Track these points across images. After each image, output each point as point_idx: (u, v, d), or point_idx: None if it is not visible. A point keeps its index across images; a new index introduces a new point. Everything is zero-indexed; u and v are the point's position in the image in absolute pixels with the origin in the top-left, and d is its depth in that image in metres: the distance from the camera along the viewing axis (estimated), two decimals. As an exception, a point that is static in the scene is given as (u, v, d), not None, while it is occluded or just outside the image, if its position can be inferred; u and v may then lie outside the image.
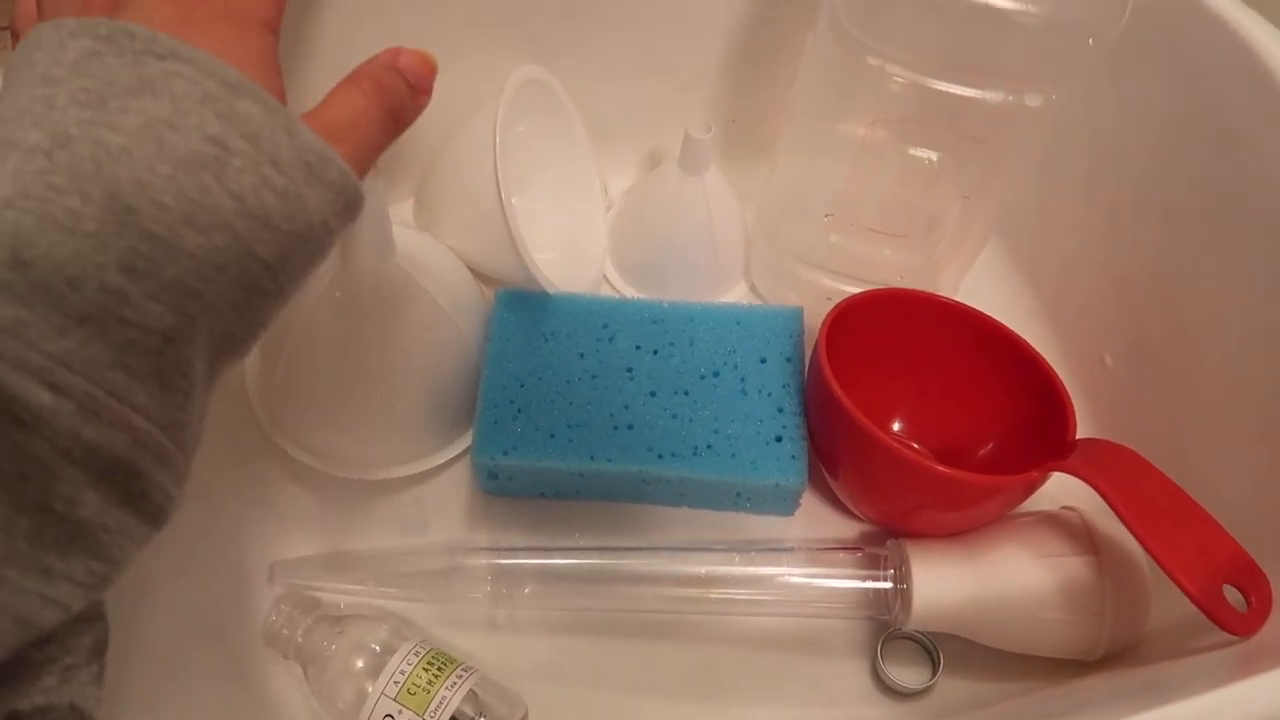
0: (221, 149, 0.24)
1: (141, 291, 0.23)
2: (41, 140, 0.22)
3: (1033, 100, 0.41)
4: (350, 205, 0.28)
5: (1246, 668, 0.32)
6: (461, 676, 0.39)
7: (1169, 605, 0.39)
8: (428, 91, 0.32)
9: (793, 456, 0.46)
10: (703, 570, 0.44)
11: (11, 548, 0.22)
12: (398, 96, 0.30)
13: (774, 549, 0.45)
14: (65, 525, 0.23)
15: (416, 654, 0.40)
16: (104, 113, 0.23)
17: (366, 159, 0.29)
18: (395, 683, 0.39)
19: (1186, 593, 0.35)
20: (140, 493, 0.24)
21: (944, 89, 0.42)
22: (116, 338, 0.23)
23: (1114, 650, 0.41)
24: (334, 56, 0.31)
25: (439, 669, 0.39)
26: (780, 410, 0.48)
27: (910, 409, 0.51)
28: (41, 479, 0.22)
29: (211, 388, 0.27)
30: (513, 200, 0.47)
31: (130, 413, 0.23)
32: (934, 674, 0.44)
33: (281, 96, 0.27)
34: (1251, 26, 0.41)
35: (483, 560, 0.44)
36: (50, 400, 0.21)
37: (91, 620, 0.27)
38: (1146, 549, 0.37)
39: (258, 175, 0.24)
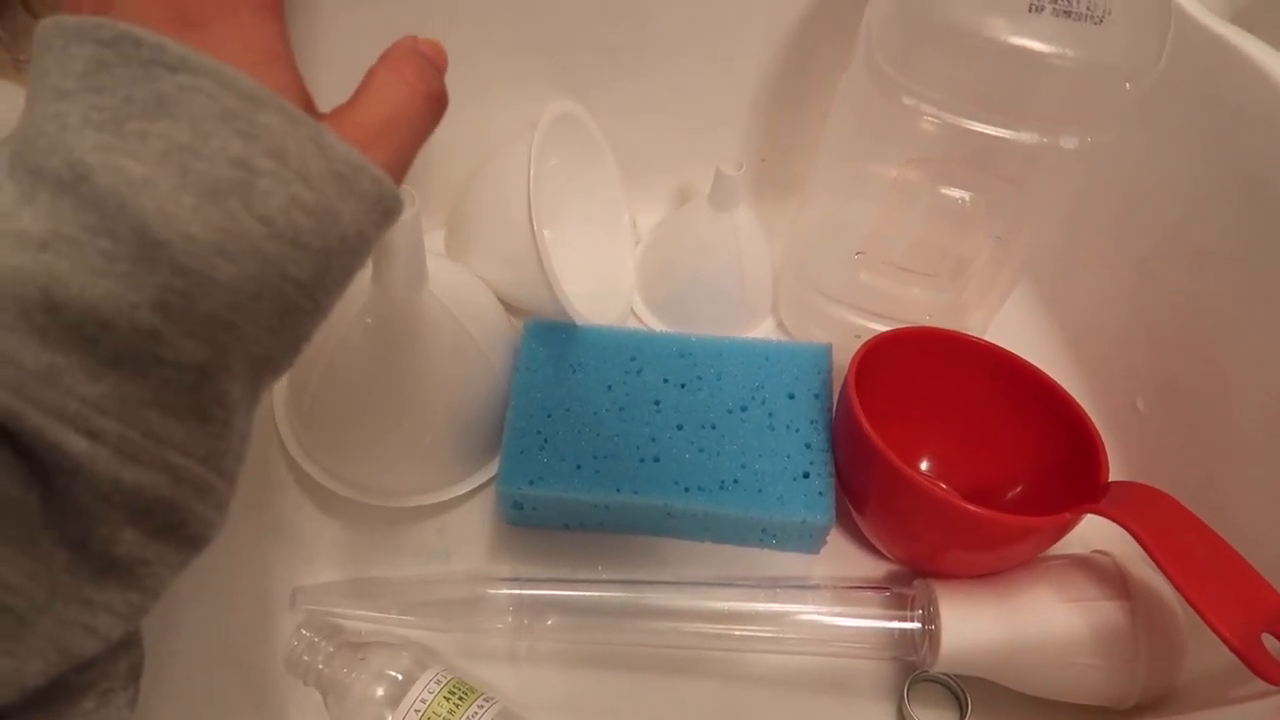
0: (247, 171, 0.23)
1: (176, 329, 0.22)
2: (61, 171, 0.21)
3: (1068, 143, 0.42)
4: (388, 212, 0.26)
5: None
6: (483, 707, 0.39)
7: (1205, 654, 0.38)
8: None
9: (820, 493, 0.46)
10: (726, 606, 0.44)
11: (54, 579, 0.22)
12: (437, 81, 0.29)
13: (799, 586, 0.45)
14: (100, 561, 0.23)
15: (438, 683, 0.39)
16: (121, 138, 0.22)
17: (408, 156, 0.28)
18: (416, 711, 0.38)
19: (1224, 640, 0.35)
20: (180, 524, 0.24)
21: (978, 129, 0.42)
22: (152, 378, 0.22)
23: (1147, 700, 0.41)
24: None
25: (460, 699, 0.39)
26: (808, 446, 0.48)
27: (938, 449, 0.51)
28: (81, 521, 0.22)
29: (254, 406, 0.26)
30: (544, 233, 0.47)
31: (168, 451, 0.23)
32: (962, 718, 0.43)
33: (298, 89, 0.26)
34: (1284, 71, 0.42)
35: (505, 591, 0.44)
36: (87, 448, 0.21)
37: (129, 645, 0.27)
38: (1183, 594, 0.36)
39: (287, 195, 0.23)
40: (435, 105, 0.29)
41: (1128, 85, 0.39)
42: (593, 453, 0.47)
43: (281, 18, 0.27)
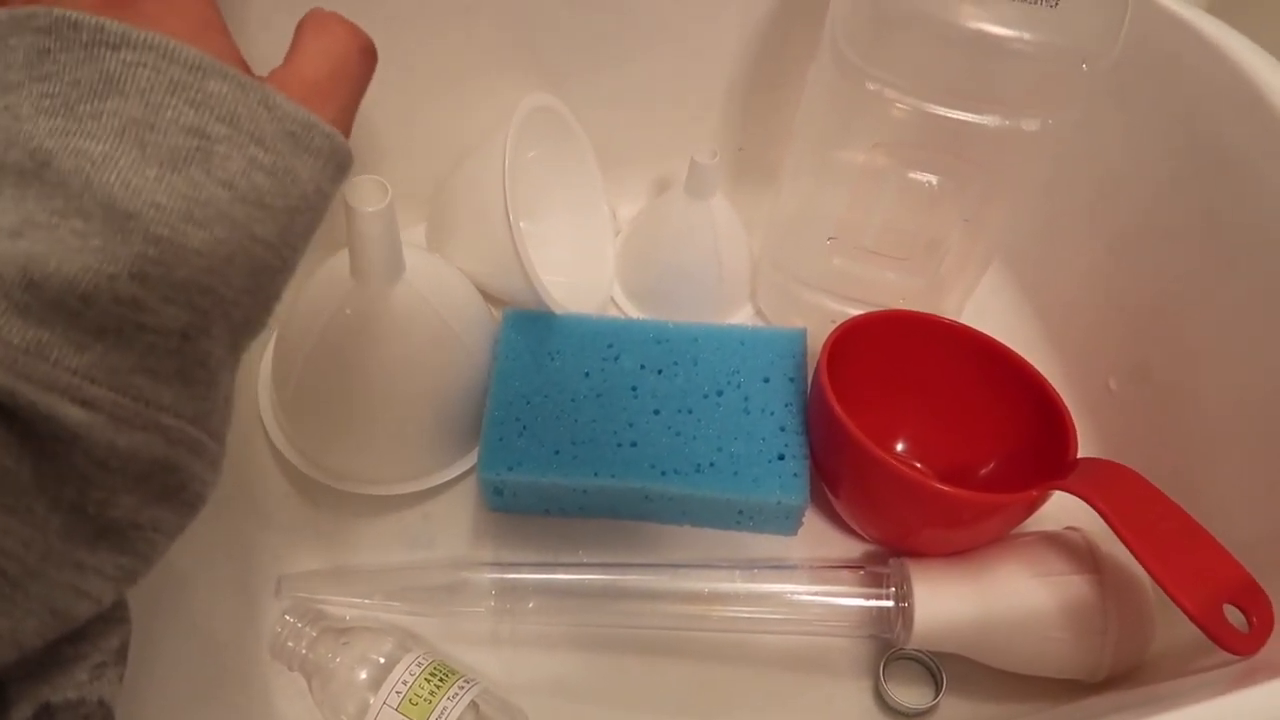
0: (203, 138, 0.23)
1: (155, 296, 0.23)
2: (24, 161, 0.22)
3: (1029, 125, 0.42)
4: (341, 166, 0.27)
5: (1245, 682, 0.33)
6: (463, 688, 0.40)
7: (1173, 629, 0.39)
8: None
9: (795, 474, 0.47)
10: (705, 587, 0.44)
11: (48, 544, 0.22)
12: (365, 34, 0.30)
13: (775, 567, 0.46)
14: (95, 524, 0.23)
15: (419, 664, 0.40)
16: (75, 120, 0.22)
17: (352, 110, 0.28)
18: (397, 693, 0.39)
19: (1186, 612, 0.35)
20: (179, 485, 0.24)
21: (942, 114, 0.42)
22: (137, 344, 0.23)
23: (1118, 671, 0.41)
24: None
25: (441, 680, 0.40)
26: (783, 429, 0.48)
27: (913, 429, 0.51)
28: (79, 485, 0.23)
29: (235, 368, 0.27)
30: (521, 224, 0.48)
31: (158, 413, 0.23)
32: (937, 694, 0.44)
33: (235, 56, 0.26)
34: (1246, 54, 0.42)
35: (487, 575, 0.45)
36: (83, 416, 0.22)
37: (119, 622, 0.28)
38: (1146, 567, 0.37)
39: (244, 158, 0.24)
40: (369, 57, 0.29)
41: (1085, 67, 0.40)
42: (571, 438, 0.48)
43: None
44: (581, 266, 0.59)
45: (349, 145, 0.27)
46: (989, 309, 0.56)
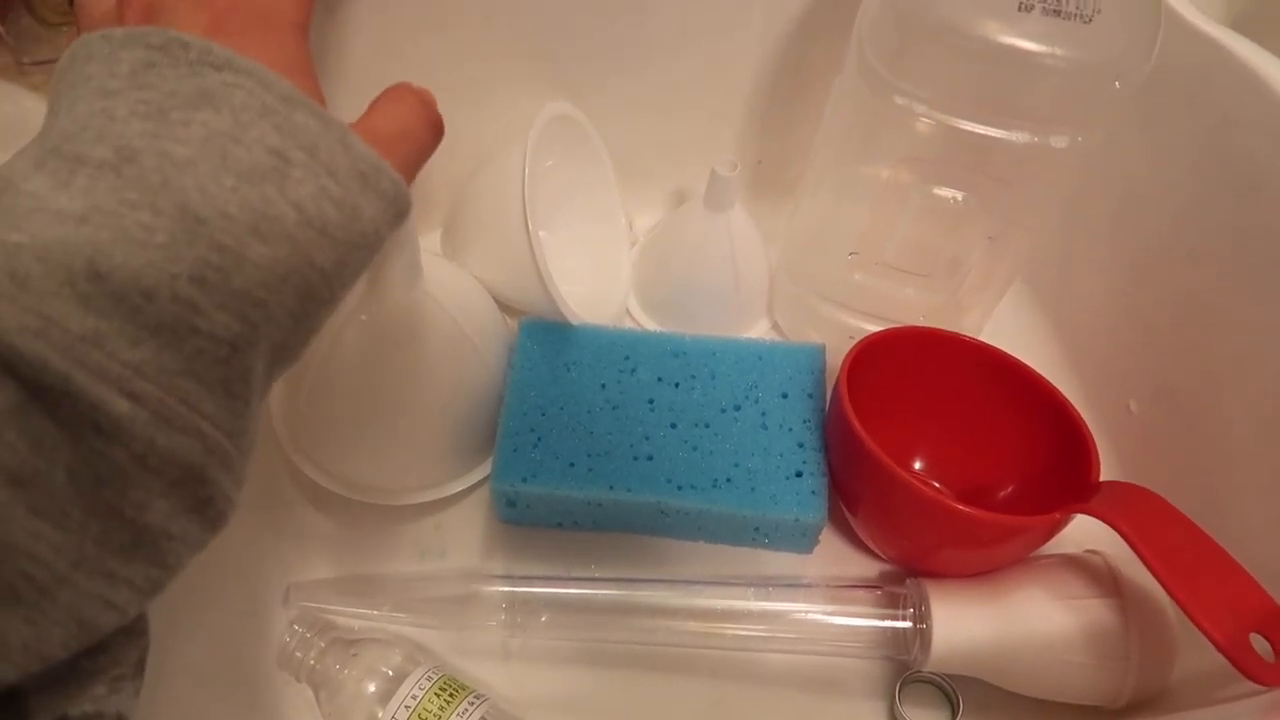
0: (282, 160, 0.25)
1: (211, 302, 0.23)
2: (108, 155, 0.23)
3: (1058, 142, 0.42)
4: (400, 213, 0.28)
5: (1273, 715, 0.32)
6: (473, 704, 0.39)
7: (1196, 655, 0.38)
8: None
9: (813, 492, 0.46)
10: (719, 605, 0.44)
11: (81, 551, 0.22)
12: (436, 111, 0.32)
13: (791, 585, 0.45)
14: (131, 530, 0.23)
15: (429, 679, 0.39)
16: (166, 125, 0.23)
17: (413, 170, 0.31)
18: (406, 708, 0.38)
19: (1212, 639, 0.35)
20: (207, 499, 0.24)
21: (970, 129, 0.42)
22: (188, 347, 0.23)
23: (1139, 698, 0.41)
24: (366, 88, 0.32)
25: (450, 696, 0.39)
26: (801, 446, 0.48)
27: (932, 448, 0.51)
28: (117, 485, 0.22)
29: (266, 395, 0.27)
30: (540, 233, 0.48)
31: (200, 419, 0.23)
32: (953, 718, 0.43)
33: (320, 98, 0.28)
34: (1276, 72, 0.41)
35: (498, 588, 0.44)
36: (128, 408, 0.22)
37: (138, 635, 0.27)
38: (1171, 594, 0.36)
39: (316, 185, 0.25)
40: (436, 131, 0.32)
41: (1117, 84, 0.39)
42: (586, 450, 0.47)
43: (308, 36, 0.30)
44: (597, 277, 0.59)
45: (410, 195, 0.29)
46: (1008, 327, 0.56)
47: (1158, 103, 0.46)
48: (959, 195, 0.46)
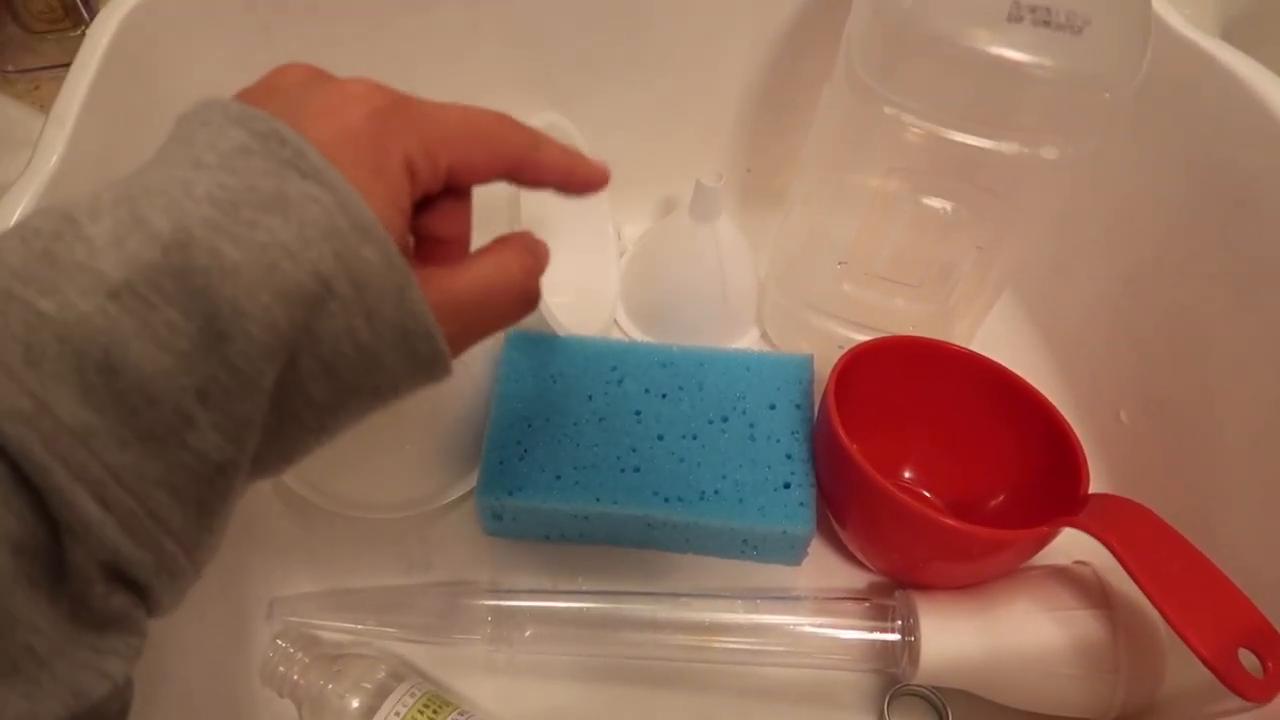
0: (325, 289, 0.23)
1: (208, 420, 0.22)
2: (164, 230, 0.22)
3: (1048, 153, 0.41)
4: (432, 378, 0.27)
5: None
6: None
7: (1185, 671, 0.38)
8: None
9: (801, 504, 0.46)
10: (706, 618, 0.44)
11: (59, 629, 0.22)
12: (535, 284, 0.30)
13: (779, 598, 0.45)
14: (101, 614, 0.23)
15: (413, 695, 0.39)
16: (232, 220, 0.22)
17: (477, 338, 0.29)
18: (390, 724, 0.38)
19: (1199, 655, 0.34)
20: (136, 601, 0.24)
21: (959, 139, 0.42)
22: (171, 459, 0.22)
23: (1128, 712, 0.40)
24: None
25: (434, 712, 0.39)
26: (789, 457, 0.48)
27: (922, 458, 0.50)
28: (80, 580, 0.22)
29: (239, 499, 0.26)
30: (526, 242, 0.47)
31: (163, 536, 0.23)
32: (942, 733, 0.43)
33: (404, 242, 0.27)
34: (1266, 84, 0.41)
35: (483, 601, 0.44)
36: (97, 514, 0.21)
37: (123, 689, 0.27)
38: (1158, 608, 0.36)
39: (346, 323, 0.24)
40: (526, 305, 0.30)
41: (1107, 95, 0.39)
42: (573, 463, 0.47)
43: (417, 186, 0.27)
44: (585, 287, 0.59)
45: (450, 364, 0.27)
46: (998, 337, 0.56)
47: (1148, 114, 0.46)
48: (948, 205, 0.46)
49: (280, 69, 0.28)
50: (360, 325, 0.24)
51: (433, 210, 0.29)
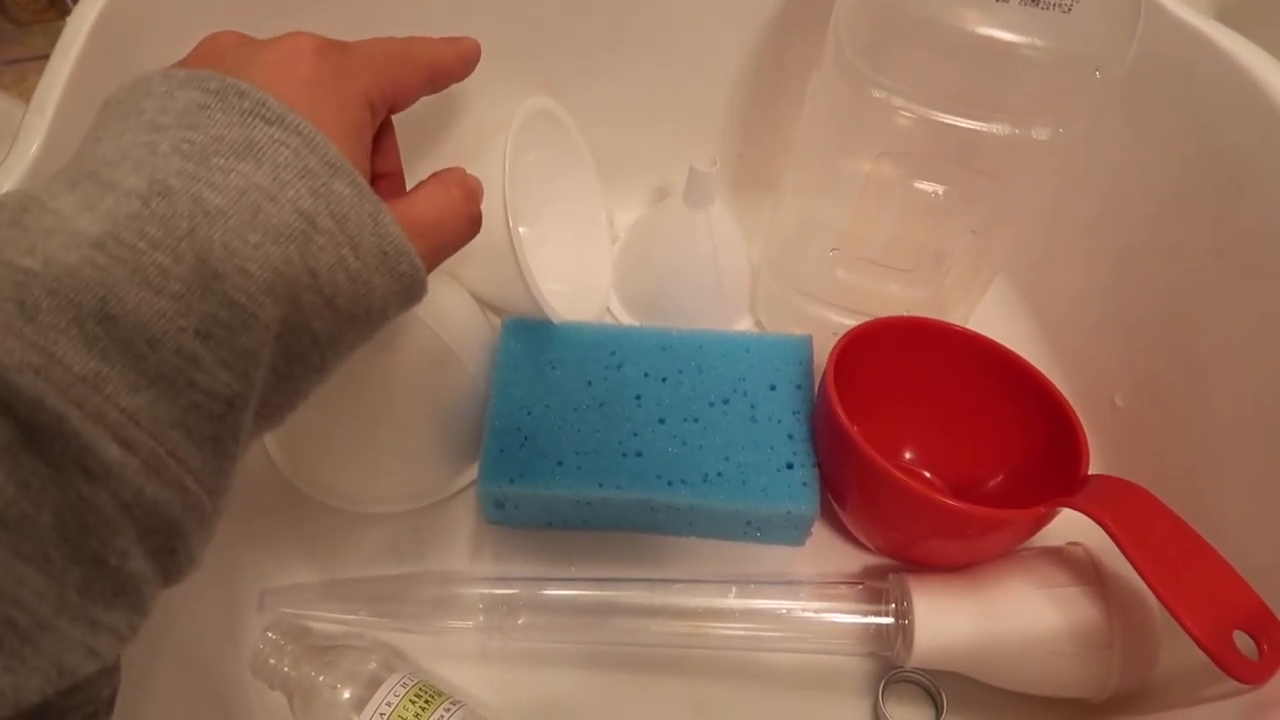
0: (310, 225, 0.25)
1: (214, 358, 0.23)
2: (139, 185, 0.22)
3: (1040, 134, 0.41)
4: (413, 298, 0.29)
5: (1255, 718, 0.32)
6: (449, 710, 0.38)
7: (1181, 652, 0.38)
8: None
9: (804, 484, 0.46)
10: (700, 604, 0.43)
11: (64, 598, 0.22)
12: (477, 207, 0.33)
13: (773, 583, 0.45)
14: (115, 578, 0.23)
15: (404, 685, 0.39)
16: (205, 169, 0.23)
17: (440, 259, 0.31)
18: (381, 714, 0.38)
19: (1194, 637, 0.34)
20: (173, 549, 0.24)
21: (950, 122, 0.41)
22: (183, 400, 0.23)
23: (1124, 690, 0.40)
24: None
25: (426, 702, 0.38)
26: (790, 437, 0.47)
27: (922, 438, 0.50)
28: (102, 532, 0.22)
29: (245, 454, 0.27)
30: (520, 230, 0.47)
31: (186, 474, 0.23)
32: (937, 718, 0.43)
33: (367, 173, 0.28)
34: (1261, 65, 0.41)
35: (475, 590, 0.44)
36: (119, 455, 0.21)
37: (112, 671, 0.27)
38: (1154, 590, 0.36)
39: (336, 255, 0.25)
40: (471, 227, 0.33)
41: (1098, 74, 0.39)
42: (574, 449, 0.47)
43: (376, 116, 0.30)
44: (579, 274, 0.59)
45: (427, 282, 0.29)
46: (992, 322, 0.55)
47: (1140, 95, 0.46)
48: (940, 190, 0.46)
49: (211, 37, 0.29)
50: (348, 255, 0.26)
51: (374, 148, 0.31)
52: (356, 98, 0.29)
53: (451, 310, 0.49)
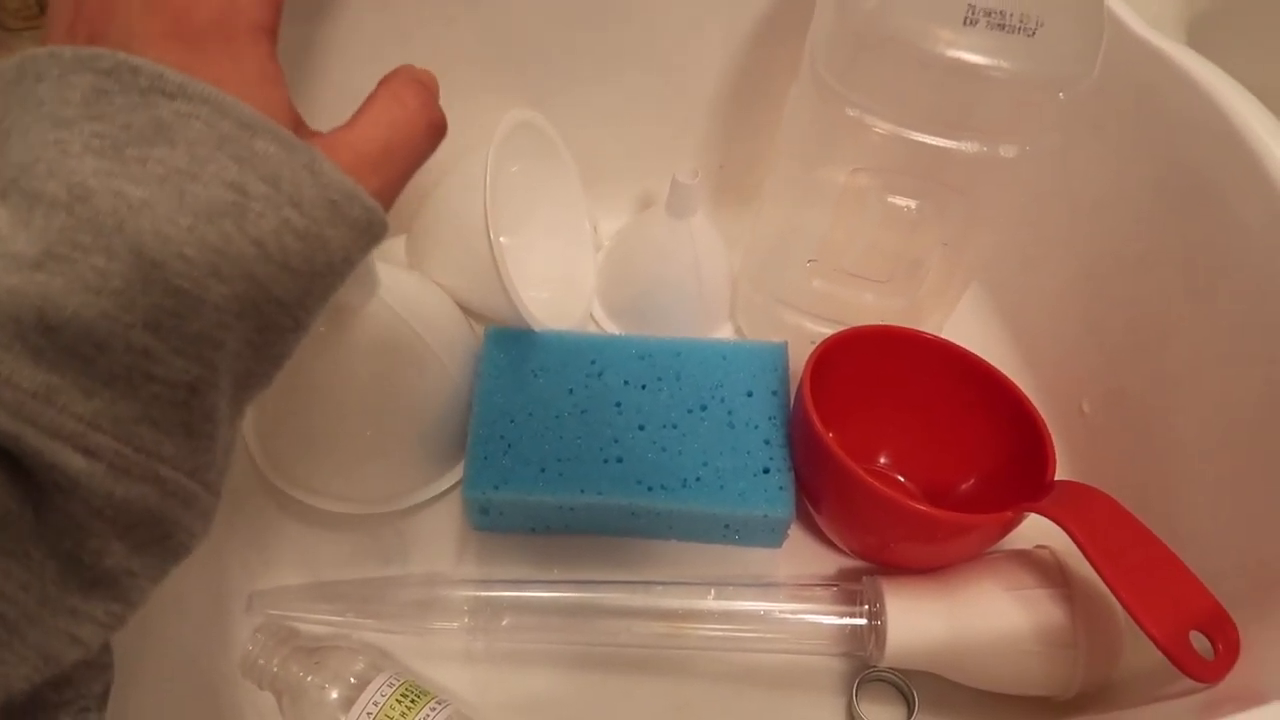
0: (241, 194, 0.23)
1: (166, 347, 0.22)
2: (60, 193, 0.22)
3: (1007, 151, 0.42)
4: (375, 237, 0.27)
5: (1208, 715, 0.33)
6: (435, 709, 0.39)
7: (1143, 652, 0.39)
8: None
9: (780, 488, 0.47)
10: (679, 605, 0.45)
11: (43, 591, 0.22)
12: (437, 108, 0.29)
13: (750, 585, 0.46)
14: (91, 573, 0.23)
15: (391, 685, 0.40)
16: (121, 163, 0.22)
17: (402, 182, 0.28)
18: (368, 714, 0.39)
19: (1151, 637, 0.36)
20: (165, 535, 0.24)
21: (921, 139, 0.43)
22: (143, 394, 0.22)
23: (1089, 687, 0.42)
24: (327, 98, 0.32)
25: (412, 701, 0.39)
26: (767, 442, 0.49)
27: (897, 443, 0.52)
28: (75, 536, 0.22)
29: (238, 419, 0.27)
30: (502, 239, 0.48)
31: (158, 465, 0.23)
32: (909, 716, 0.44)
33: (287, 110, 0.26)
34: (1220, 85, 0.42)
35: (461, 592, 0.45)
36: (84, 464, 0.21)
37: (103, 668, 0.27)
38: (1115, 593, 0.37)
39: (278, 219, 0.24)
40: (435, 132, 0.29)
41: (1061, 95, 0.40)
42: (556, 455, 0.48)
43: (275, 39, 0.27)
44: (562, 282, 0.59)
45: (386, 218, 0.27)
46: (966, 330, 0.57)
47: (1107, 113, 0.47)
48: (913, 203, 0.47)
49: (75, 5, 0.26)
50: (292, 215, 0.24)
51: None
52: (248, 33, 0.26)
53: (436, 314, 0.50)
